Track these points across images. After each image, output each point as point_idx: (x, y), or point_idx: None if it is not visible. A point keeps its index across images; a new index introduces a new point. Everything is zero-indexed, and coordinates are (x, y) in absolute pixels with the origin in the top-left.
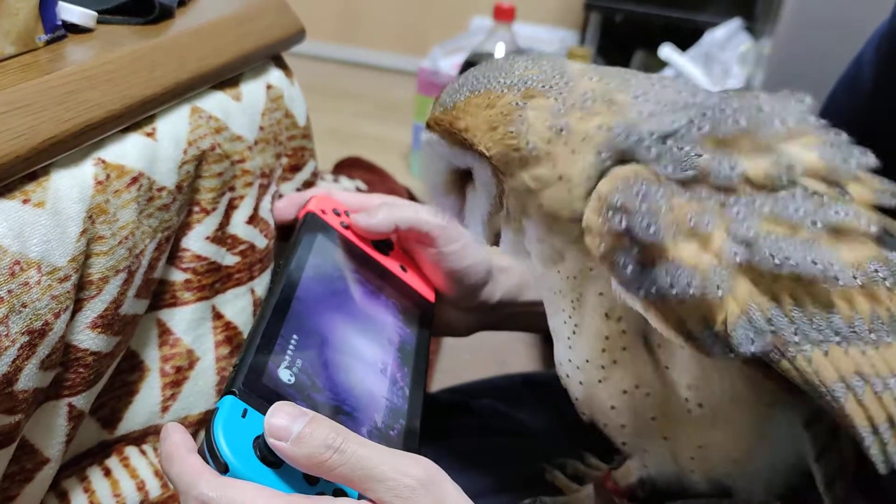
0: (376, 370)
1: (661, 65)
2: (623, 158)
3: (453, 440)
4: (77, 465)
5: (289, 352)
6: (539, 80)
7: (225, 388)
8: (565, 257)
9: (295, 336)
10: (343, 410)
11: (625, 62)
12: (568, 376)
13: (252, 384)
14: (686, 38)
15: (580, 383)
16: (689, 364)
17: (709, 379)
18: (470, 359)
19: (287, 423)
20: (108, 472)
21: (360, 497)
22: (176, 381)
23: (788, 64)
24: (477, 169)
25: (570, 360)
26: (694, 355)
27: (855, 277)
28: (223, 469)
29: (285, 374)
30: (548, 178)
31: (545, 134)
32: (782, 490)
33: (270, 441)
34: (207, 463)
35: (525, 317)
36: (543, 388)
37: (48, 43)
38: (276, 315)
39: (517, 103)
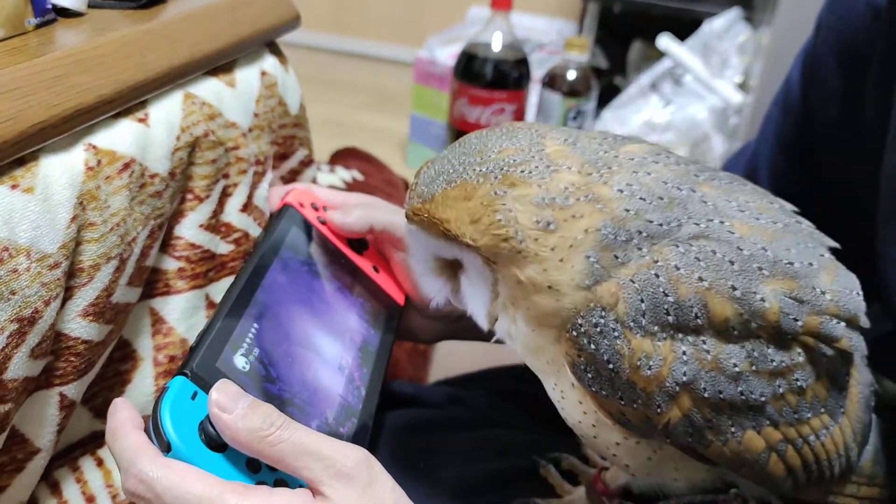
0: (334, 367)
1: (659, 55)
2: (612, 259)
3: (447, 433)
4: (69, 455)
5: (247, 339)
6: (516, 162)
7: (178, 368)
8: (546, 350)
9: (255, 325)
10: (294, 403)
11: (623, 52)
12: (569, 425)
13: (205, 367)
14: (684, 28)
15: (581, 435)
16: None
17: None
18: (464, 352)
19: (232, 398)
20: (100, 463)
21: (300, 487)
22: (169, 370)
23: (787, 54)
24: (466, 258)
25: (566, 419)
26: None
27: (780, 387)
28: (166, 448)
29: (240, 362)
30: (539, 283)
31: (532, 231)
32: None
33: (213, 412)
34: (151, 441)
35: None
36: (537, 381)
37: (38, 27)
38: (239, 301)
39: (496, 192)
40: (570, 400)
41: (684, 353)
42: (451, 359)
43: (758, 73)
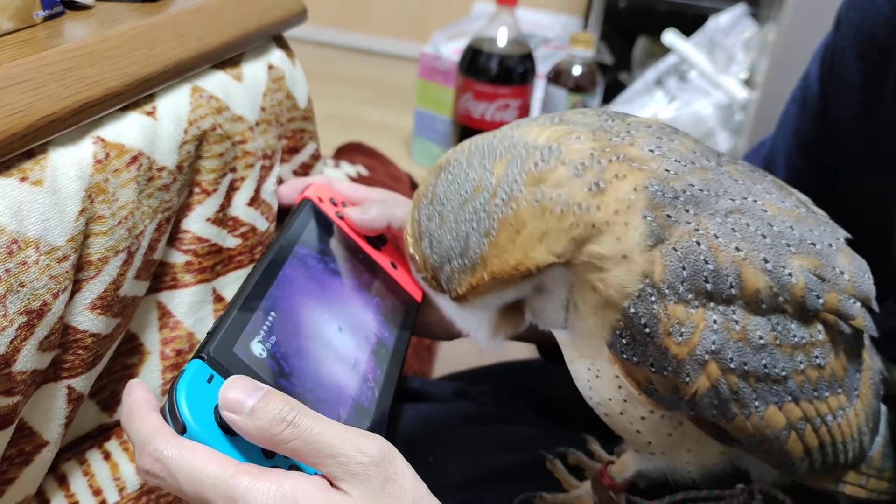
0: (348, 366)
1: (664, 50)
2: (666, 218)
3: (453, 427)
4: (76, 448)
5: (265, 327)
6: (519, 166)
7: (195, 352)
8: (594, 331)
9: (273, 313)
10: (307, 399)
11: (628, 48)
12: (592, 405)
13: (222, 352)
14: (690, 24)
15: (605, 414)
16: None
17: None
18: (469, 347)
19: (241, 396)
20: (107, 456)
21: (315, 473)
22: (176, 364)
23: (793, 50)
24: (546, 280)
25: (591, 398)
26: None
27: (801, 363)
28: (181, 430)
29: (257, 348)
30: (616, 255)
31: (588, 199)
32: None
33: (224, 413)
34: (167, 422)
35: None
36: (543, 375)
37: (46, 19)
38: (258, 290)
39: (535, 201)
40: (605, 378)
41: (715, 321)
42: (456, 354)
43: (763, 69)
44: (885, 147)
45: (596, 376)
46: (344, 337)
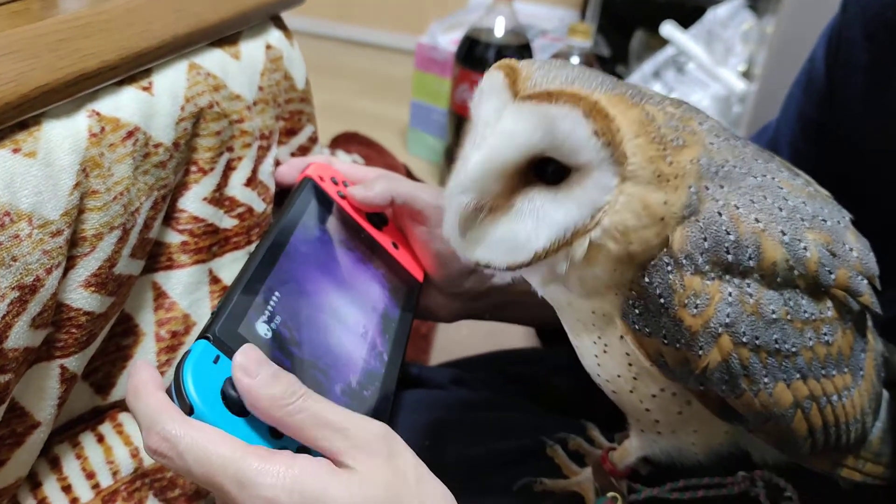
0: (357, 334)
1: (662, 43)
2: (704, 190)
3: (452, 413)
4: (69, 430)
5: (269, 307)
6: (633, 92)
7: (200, 333)
8: (603, 296)
9: (277, 293)
10: (318, 367)
11: (625, 41)
12: (599, 382)
13: (228, 332)
14: (688, 16)
15: (613, 392)
16: None
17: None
18: (468, 334)
19: (256, 363)
20: (101, 439)
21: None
22: (171, 346)
23: (791, 42)
24: (590, 168)
25: (599, 375)
26: None
27: (810, 339)
28: (188, 410)
29: (262, 328)
30: (656, 214)
31: (669, 153)
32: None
33: (236, 375)
34: (174, 403)
35: (512, 308)
36: (541, 363)
37: None
38: (261, 269)
39: (646, 114)
40: (613, 353)
41: (730, 293)
42: (453, 343)
43: (761, 61)
44: (892, 127)
45: (604, 351)
46: (351, 308)
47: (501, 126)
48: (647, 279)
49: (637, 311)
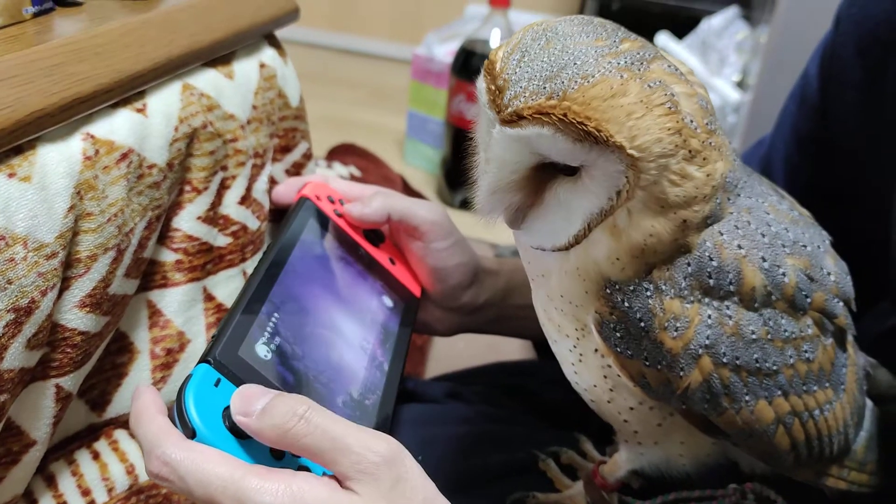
0: (357, 346)
1: None
2: (724, 200)
3: (447, 427)
4: (65, 448)
5: (268, 329)
6: (652, 57)
7: (201, 357)
8: (583, 304)
9: (277, 312)
10: (319, 380)
11: None
12: (579, 391)
13: (228, 355)
14: (683, 26)
15: (591, 401)
16: None
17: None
18: (464, 347)
19: (252, 399)
20: (96, 456)
21: (324, 474)
22: (166, 363)
23: (785, 52)
24: (595, 164)
25: (577, 384)
26: None
27: (790, 357)
28: (191, 434)
29: (262, 350)
30: (678, 203)
31: (703, 133)
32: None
33: (237, 418)
34: (176, 427)
35: (508, 322)
36: (535, 376)
37: (36, 15)
38: (260, 290)
39: (649, 85)
40: (588, 364)
41: (709, 316)
42: (448, 356)
43: (756, 71)
44: (886, 143)
45: (579, 360)
46: (350, 323)
47: (492, 153)
48: (626, 304)
49: (618, 335)
